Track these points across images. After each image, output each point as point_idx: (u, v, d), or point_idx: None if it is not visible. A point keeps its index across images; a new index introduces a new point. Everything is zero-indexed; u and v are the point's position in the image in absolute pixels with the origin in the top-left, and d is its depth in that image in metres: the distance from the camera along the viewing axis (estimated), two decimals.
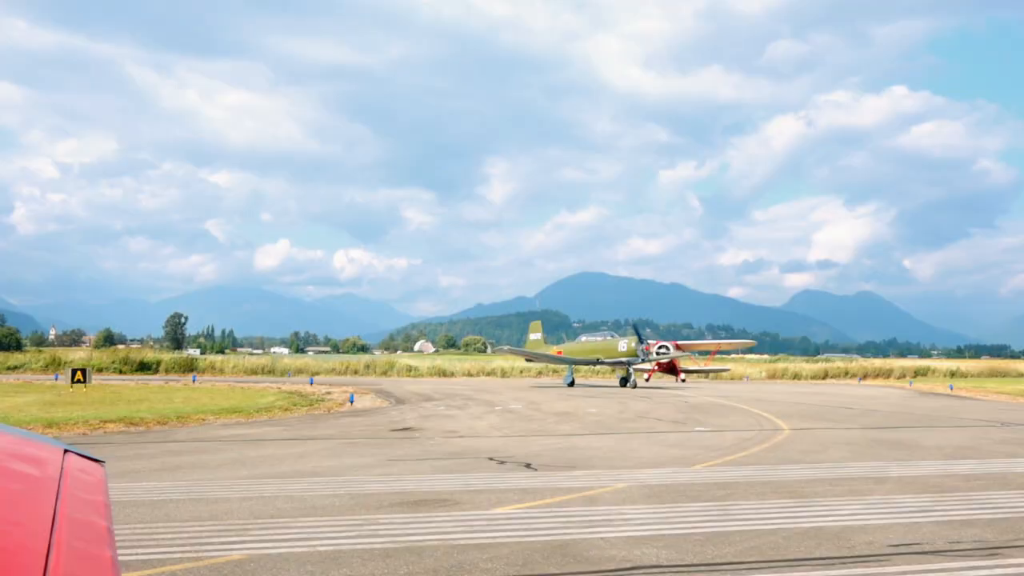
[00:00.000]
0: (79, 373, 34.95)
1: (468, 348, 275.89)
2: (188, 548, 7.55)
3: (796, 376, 71.67)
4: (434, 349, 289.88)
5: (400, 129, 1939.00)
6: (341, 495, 10.46)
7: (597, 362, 45.91)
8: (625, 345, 43.85)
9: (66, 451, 2.69)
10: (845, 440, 18.38)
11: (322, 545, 7.68)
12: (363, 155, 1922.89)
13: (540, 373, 69.42)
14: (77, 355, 61.78)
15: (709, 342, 63.37)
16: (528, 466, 13.69)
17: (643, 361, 44.44)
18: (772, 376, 71.76)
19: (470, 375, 66.91)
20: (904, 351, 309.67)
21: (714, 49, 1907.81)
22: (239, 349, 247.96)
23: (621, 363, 44.50)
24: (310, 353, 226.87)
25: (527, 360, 56.48)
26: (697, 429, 20.95)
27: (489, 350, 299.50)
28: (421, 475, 12.44)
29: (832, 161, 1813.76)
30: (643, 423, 22.67)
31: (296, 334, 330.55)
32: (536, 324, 55.86)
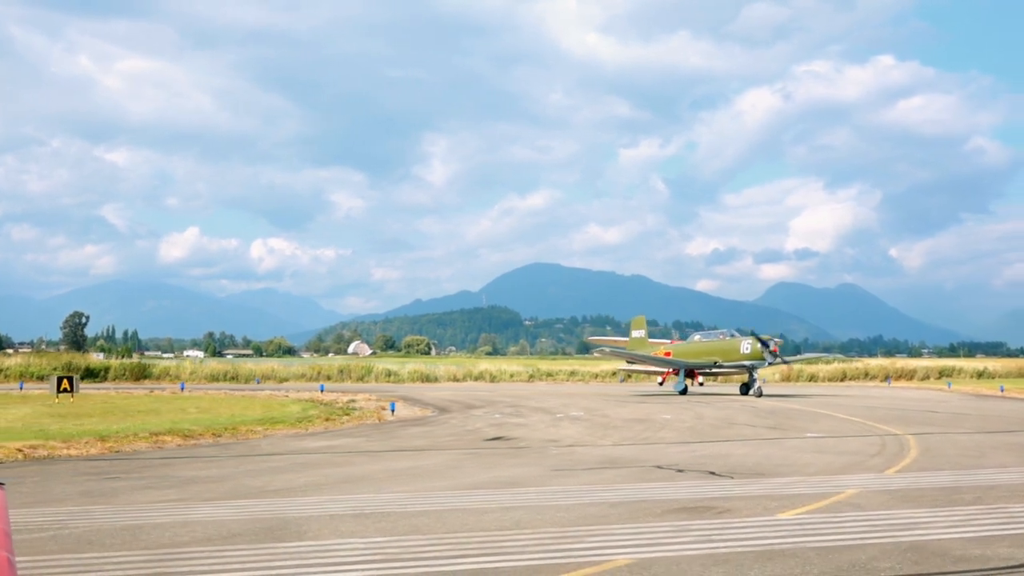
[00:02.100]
0: (65, 382, 35.16)
1: (410, 350, 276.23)
2: (557, 554, 8.49)
3: (812, 378, 73.92)
4: (371, 351, 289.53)
5: (326, 101, 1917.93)
6: (601, 504, 11.49)
7: (715, 366, 45.02)
8: (749, 346, 42.71)
9: None
10: (988, 445, 19.88)
11: (690, 549, 8.70)
12: (284, 131, 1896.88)
13: (532, 377, 70.89)
14: (12, 360, 61.11)
15: None
16: (713, 474, 14.78)
17: (769, 364, 43.58)
18: (786, 378, 74.02)
19: (457, 379, 67.93)
20: (891, 349, 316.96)
21: (682, 12, 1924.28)
22: (146, 352, 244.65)
23: (744, 367, 43.54)
24: (229, 356, 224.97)
25: (628, 362, 53.68)
26: (809, 435, 22.26)
27: (433, 351, 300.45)
28: (628, 484, 13.45)
29: (811, 139, 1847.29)
30: (743, 430, 23.93)
31: (211, 335, 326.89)
32: (639, 320, 54.09)
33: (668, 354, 48.09)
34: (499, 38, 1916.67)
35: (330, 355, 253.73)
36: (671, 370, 63.36)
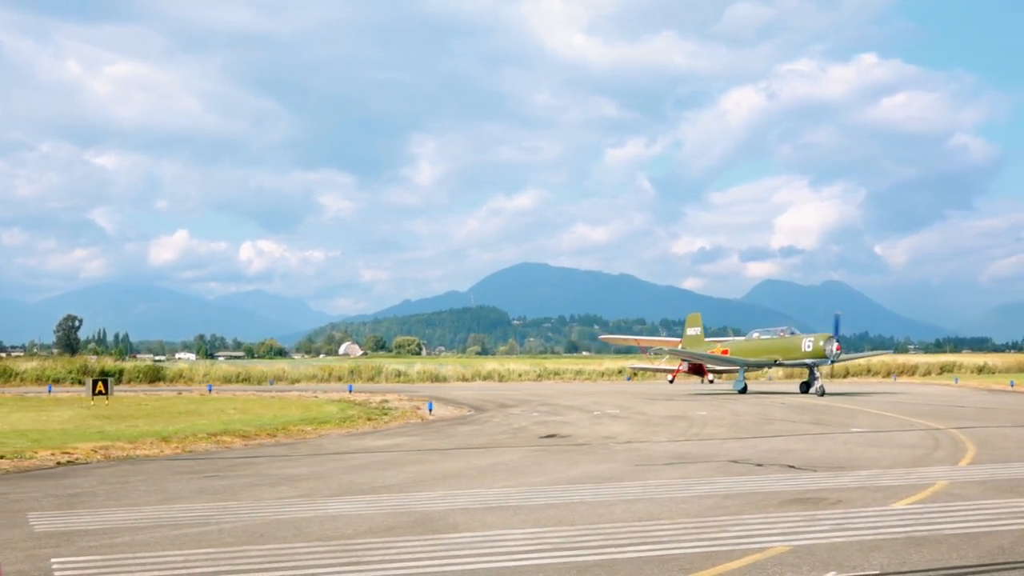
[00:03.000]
0: (100, 384, 35.38)
1: (401, 350, 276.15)
2: (710, 542, 8.89)
3: None
4: (362, 352, 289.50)
5: (314, 104, 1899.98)
6: (714, 496, 11.93)
7: (774, 363, 44.48)
8: (811, 344, 41.90)
9: None
10: None
11: (836, 536, 9.12)
12: (272, 133, 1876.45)
13: (540, 376, 71.40)
14: (28, 364, 61.24)
15: None
16: (793, 467, 15.21)
17: (833, 362, 42.40)
18: (790, 376, 74.72)
19: (466, 379, 68.41)
20: (877, 346, 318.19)
21: (667, 12, 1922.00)
22: (138, 355, 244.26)
23: (805, 365, 42.95)
24: (221, 358, 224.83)
25: (683, 360, 53.25)
26: (854, 430, 22.72)
27: (424, 351, 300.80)
28: (721, 477, 13.88)
29: (795, 137, 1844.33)
30: (786, 426, 24.39)
31: (201, 337, 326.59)
32: (695, 317, 52.88)
33: (725, 352, 47.12)
34: (485, 39, 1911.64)
35: (321, 356, 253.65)
36: (680, 367, 64.00)
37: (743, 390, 43.53)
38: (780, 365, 44.90)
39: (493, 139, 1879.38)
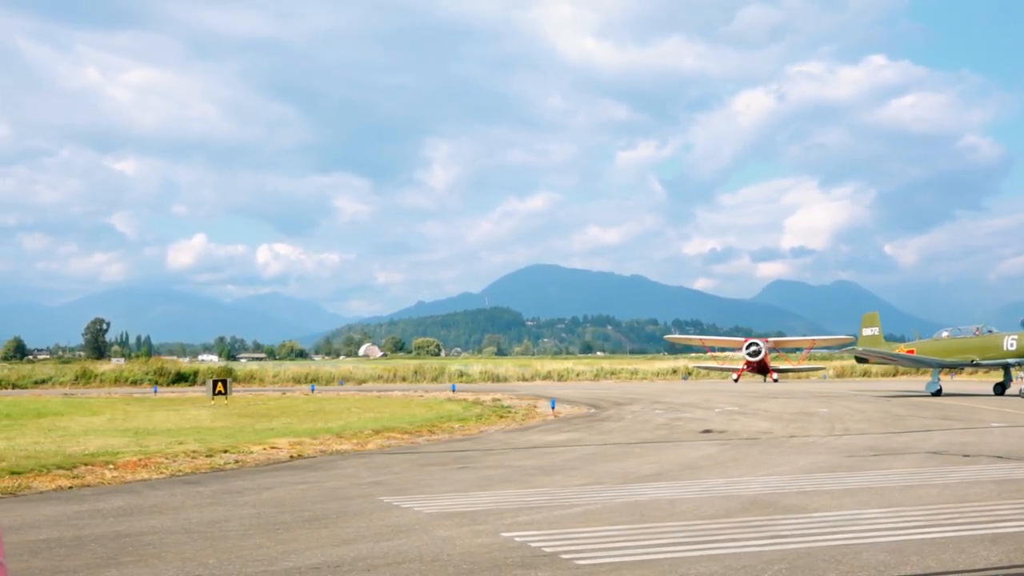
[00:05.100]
0: (220, 385, 36.41)
1: (420, 351, 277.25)
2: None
3: (865, 373, 75.37)
4: (381, 353, 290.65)
5: (328, 108, 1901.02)
6: (978, 483, 12.85)
7: (971, 364, 43.00)
8: (1014, 342, 39.71)
9: None
10: None
11: None
12: (287, 138, 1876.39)
13: (597, 376, 72.38)
14: (106, 367, 62.43)
15: (803, 339, 66.74)
16: (1001, 458, 16.06)
17: None
18: (840, 374, 75.62)
19: (525, 379, 69.29)
20: None
21: (677, 16, 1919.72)
22: (161, 357, 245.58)
23: (1007, 365, 41.20)
24: (243, 360, 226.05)
25: (858, 360, 52.62)
26: (995, 425, 23.54)
27: (443, 353, 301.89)
28: (951, 467, 14.75)
29: (805, 139, 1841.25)
30: (919, 421, 25.15)
31: (221, 339, 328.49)
32: (872, 316, 50.32)
33: (912, 352, 45.57)
34: (496, 44, 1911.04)
35: (341, 357, 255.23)
36: (743, 368, 64.80)
37: (938, 392, 40.56)
38: (977, 365, 43.27)
39: (504, 142, 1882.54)
